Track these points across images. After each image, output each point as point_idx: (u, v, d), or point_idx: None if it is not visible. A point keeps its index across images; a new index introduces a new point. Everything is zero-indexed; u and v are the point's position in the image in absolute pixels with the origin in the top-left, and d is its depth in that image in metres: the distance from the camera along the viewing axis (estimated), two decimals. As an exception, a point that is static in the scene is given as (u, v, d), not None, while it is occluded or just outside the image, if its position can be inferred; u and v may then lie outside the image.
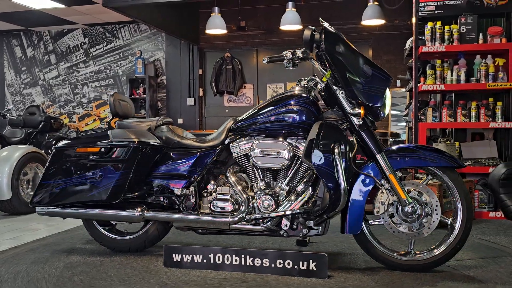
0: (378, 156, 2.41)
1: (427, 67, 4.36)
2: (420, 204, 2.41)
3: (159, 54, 9.39)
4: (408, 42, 5.44)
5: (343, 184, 2.33)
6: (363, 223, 2.46)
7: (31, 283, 2.36)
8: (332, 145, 2.37)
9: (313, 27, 2.49)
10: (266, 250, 2.37)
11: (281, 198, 2.56)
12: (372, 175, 2.43)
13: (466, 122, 4.23)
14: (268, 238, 3.06)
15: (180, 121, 9.22)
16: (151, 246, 2.97)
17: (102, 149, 2.75)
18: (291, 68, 2.54)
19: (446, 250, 2.43)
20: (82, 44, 9.79)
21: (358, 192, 2.43)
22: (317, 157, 2.37)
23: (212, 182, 2.76)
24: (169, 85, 9.35)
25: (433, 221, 2.41)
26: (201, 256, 2.44)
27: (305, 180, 2.55)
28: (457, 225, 2.41)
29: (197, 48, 9.13)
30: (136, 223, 2.86)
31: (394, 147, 2.48)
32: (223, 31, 7.53)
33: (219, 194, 2.71)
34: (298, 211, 2.48)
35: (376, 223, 2.49)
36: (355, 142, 2.52)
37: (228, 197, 2.69)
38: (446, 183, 2.43)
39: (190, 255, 2.45)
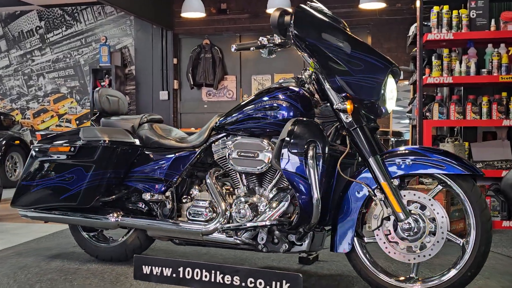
0: (371, 160, 2.27)
1: (433, 57, 4.40)
2: (421, 220, 2.24)
3: (127, 40, 9.33)
4: (412, 29, 5.48)
5: (316, 193, 2.23)
6: (355, 240, 2.35)
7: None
8: (306, 146, 2.28)
9: (283, 8, 2.40)
10: (239, 266, 2.32)
11: (261, 207, 2.50)
12: (365, 183, 2.31)
13: (477, 120, 4.28)
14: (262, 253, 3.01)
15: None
16: (130, 257, 2.94)
17: (72, 149, 2.86)
18: (269, 56, 2.51)
19: (455, 278, 2.23)
20: (38, 28, 9.68)
21: (349, 203, 2.34)
22: (286, 160, 2.31)
23: (196, 187, 2.77)
24: (139, 76, 9.30)
25: (437, 242, 2.22)
26: (170, 269, 2.43)
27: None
28: (469, 248, 2.21)
29: (171, 33, 9.10)
30: (113, 229, 2.93)
31: (395, 150, 2.35)
32: (201, 14, 7.51)
33: (196, 200, 2.72)
34: (271, 222, 2.40)
35: (371, 240, 2.36)
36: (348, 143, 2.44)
37: (206, 204, 2.67)
38: (458, 194, 2.25)
39: (160, 268, 2.44)
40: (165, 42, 9.16)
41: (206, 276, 2.35)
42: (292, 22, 2.35)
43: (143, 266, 2.47)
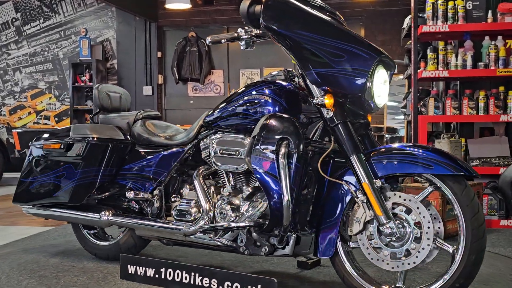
0: (352, 159, 2.20)
1: (428, 50, 4.43)
2: (407, 225, 2.16)
3: (108, 33, 9.29)
4: (406, 21, 5.52)
5: (286, 194, 2.20)
6: (339, 245, 2.29)
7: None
8: (278, 143, 2.24)
9: None
10: (216, 269, 2.37)
11: (242, 208, 2.49)
12: (347, 183, 2.24)
13: (473, 115, 4.32)
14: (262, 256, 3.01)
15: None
16: (133, 255, 2.98)
17: (62, 146, 3.00)
18: (248, 49, 2.45)
19: None
20: (14, 20, 9.61)
21: (332, 204, 2.28)
22: (257, 158, 2.29)
23: (187, 186, 2.79)
24: (121, 70, 9.27)
25: (423, 248, 2.11)
26: (153, 270, 2.51)
27: None
28: (458, 256, 2.09)
29: (155, 26, 9.07)
30: (104, 227, 3.10)
31: (382, 147, 2.27)
32: (186, 5, 7.50)
33: (182, 199, 2.76)
34: (245, 224, 2.39)
35: (356, 245, 2.29)
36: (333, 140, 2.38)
37: (192, 203, 2.70)
38: (447, 197, 2.15)
39: (144, 268, 2.53)
40: (149, 35, 9.13)
41: (186, 278, 2.41)
42: (261, 11, 2.27)
43: (129, 266, 2.56)
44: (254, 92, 2.47)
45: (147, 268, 2.51)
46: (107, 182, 2.99)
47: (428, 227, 2.11)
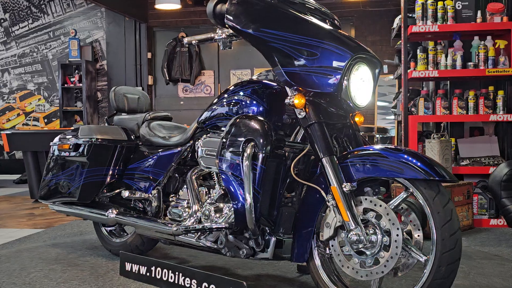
0: (324, 161, 2.11)
1: (418, 50, 4.46)
2: (377, 232, 2.06)
3: (98, 33, 9.25)
4: (396, 21, 5.54)
5: (248, 197, 2.16)
6: (315, 250, 2.23)
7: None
8: (244, 144, 2.21)
9: None
10: (197, 270, 2.40)
11: (225, 209, 2.47)
12: (320, 186, 2.17)
13: (463, 115, 4.35)
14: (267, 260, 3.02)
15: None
16: (140, 254, 3.11)
17: (70, 147, 3.16)
18: (225, 49, 2.41)
19: None
20: (2, 21, 9.55)
21: (307, 208, 2.22)
22: (223, 159, 2.28)
23: (184, 186, 2.81)
24: (111, 71, 9.23)
25: (391, 257, 2.00)
26: (145, 268, 2.61)
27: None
28: (428, 267, 1.97)
29: (145, 26, 9.05)
30: (111, 225, 3.25)
31: (357, 150, 2.16)
32: (176, 6, 7.48)
33: (178, 199, 2.79)
34: (217, 226, 2.39)
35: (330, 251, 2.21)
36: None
37: (184, 203, 2.72)
38: (420, 202, 2.03)
39: (138, 266, 2.64)
40: (139, 36, 9.10)
41: (171, 277, 2.49)
42: (226, 10, 2.21)
43: (126, 263, 2.69)
44: (237, 92, 2.44)
45: (141, 266, 2.62)
46: (115, 181, 3.13)
47: (397, 235, 2.00)
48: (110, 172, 3.11)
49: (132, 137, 3.17)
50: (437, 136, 4.22)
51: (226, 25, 2.25)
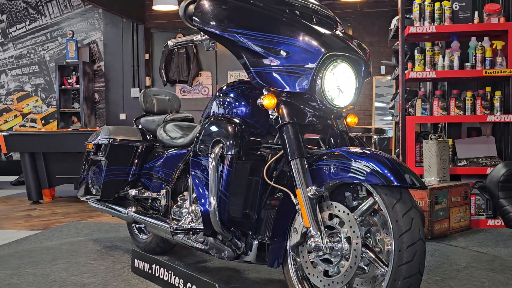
0: (292, 163, 2.02)
1: (415, 51, 4.46)
2: (341, 239, 1.95)
3: (95, 35, 9.24)
4: (394, 22, 5.54)
5: (212, 199, 2.15)
6: (289, 255, 2.13)
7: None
8: (212, 146, 2.20)
9: None
10: (183, 270, 2.43)
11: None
12: (288, 190, 2.07)
13: (461, 115, 4.35)
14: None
15: (122, 116, 9.12)
16: (163, 251, 3.27)
17: (93, 147, 3.31)
18: (208, 50, 2.34)
19: None
20: (-1, 22, 9.54)
21: (280, 212, 2.13)
22: (193, 161, 2.31)
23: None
24: (109, 73, 9.22)
25: (350, 267, 1.89)
26: (148, 266, 2.70)
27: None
28: (385, 281, 1.82)
29: (143, 27, 9.04)
30: (130, 222, 3.36)
31: (329, 152, 2.03)
32: (174, 7, 7.47)
33: (181, 199, 2.80)
34: (191, 226, 2.39)
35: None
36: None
37: (186, 203, 2.73)
38: (382, 210, 1.91)
39: (143, 263, 2.74)
40: (136, 37, 9.10)
41: (165, 276, 2.56)
42: (193, 11, 2.13)
43: (135, 260, 2.81)
44: (227, 93, 2.41)
45: (145, 264, 2.72)
46: (134, 180, 3.23)
47: (356, 243, 1.88)
48: (128, 172, 3.21)
49: (148, 138, 3.27)
50: (435, 137, 4.22)
51: (195, 26, 2.17)
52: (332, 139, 2.23)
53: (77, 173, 6.12)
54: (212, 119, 2.30)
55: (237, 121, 2.24)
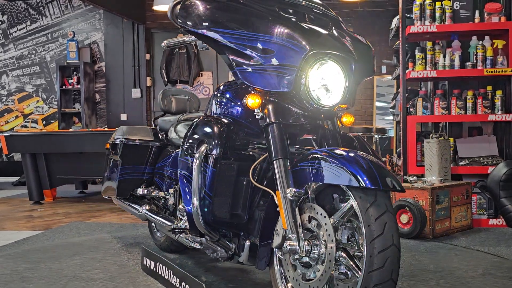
0: (275, 164, 1.99)
1: (416, 50, 4.46)
2: (318, 243, 1.90)
3: (96, 35, 9.24)
4: (394, 21, 5.54)
5: (195, 199, 2.13)
6: (276, 258, 2.11)
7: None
8: (196, 146, 2.20)
9: None
10: (179, 269, 2.46)
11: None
12: (272, 191, 2.03)
13: (462, 115, 4.35)
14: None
15: (123, 117, 9.11)
16: (177, 249, 3.31)
17: (109, 146, 3.37)
18: (202, 49, 2.33)
19: None
20: (0, 23, 9.54)
21: (267, 214, 2.09)
22: (180, 161, 2.33)
23: None
24: (109, 73, 9.22)
25: (325, 272, 1.84)
26: (153, 263, 2.74)
27: None
28: (357, 287, 1.76)
29: (143, 28, 9.04)
30: (143, 220, 3.33)
31: (309, 154, 1.97)
32: (174, 7, 7.46)
33: None
34: (183, 225, 2.40)
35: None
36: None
37: None
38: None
39: (149, 261, 2.79)
40: (137, 37, 9.09)
41: (166, 275, 2.61)
42: (178, 11, 2.11)
43: (144, 258, 2.87)
44: (223, 93, 2.40)
45: (151, 261, 2.77)
46: (148, 179, 3.28)
47: (331, 247, 1.83)
48: (143, 171, 3.27)
49: (160, 137, 3.31)
50: (436, 136, 4.22)
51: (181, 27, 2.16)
52: (323, 139, 2.18)
53: (78, 173, 6.17)
54: (200, 119, 2.29)
55: (226, 121, 2.22)
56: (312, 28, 2.06)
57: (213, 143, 2.14)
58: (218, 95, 2.40)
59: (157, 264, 2.69)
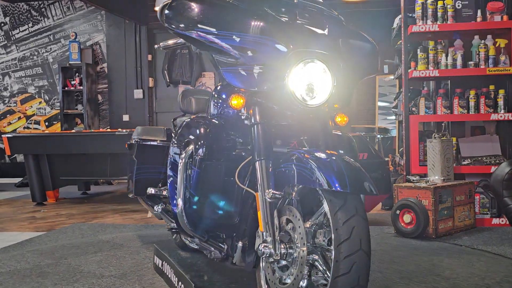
0: (256, 165, 1.97)
1: (418, 50, 4.45)
2: (289, 245, 1.87)
3: (98, 36, 9.25)
4: (396, 21, 5.53)
5: (179, 199, 2.12)
6: (262, 259, 2.07)
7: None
8: (184, 145, 2.21)
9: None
10: (178, 269, 2.50)
11: None
12: (255, 192, 2.00)
13: (464, 114, 4.34)
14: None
15: (126, 117, 9.12)
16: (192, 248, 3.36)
17: (127, 146, 3.43)
18: (197, 51, 2.39)
19: None
20: (2, 24, 9.55)
21: (252, 215, 2.08)
22: (168, 161, 2.35)
23: None
24: (112, 74, 9.23)
25: (297, 276, 1.82)
26: (161, 262, 2.79)
27: None
28: None
29: (145, 29, 9.05)
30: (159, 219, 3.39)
31: (291, 154, 1.93)
32: (176, 8, 7.47)
33: None
34: (173, 226, 2.42)
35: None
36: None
37: None
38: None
39: (159, 260, 2.83)
40: (139, 38, 9.10)
41: (169, 274, 2.64)
42: (164, 13, 2.08)
43: (155, 257, 2.91)
44: (218, 93, 2.39)
45: (160, 260, 2.82)
46: (164, 178, 3.24)
47: (303, 251, 1.80)
48: (157, 170, 3.27)
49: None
50: (438, 136, 4.21)
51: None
52: (314, 140, 2.15)
53: (80, 174, 6.18)
54: (189, 119, 2.30)
55: (215, 122, 2.22)
56: (299, 26, 2.03)
57: (198, 143, 2.12)
58: (216, 95, 2.39)
59: (164, 263, 2.73)
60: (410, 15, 4.59)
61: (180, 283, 2.42)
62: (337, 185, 1.68)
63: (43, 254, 3.37)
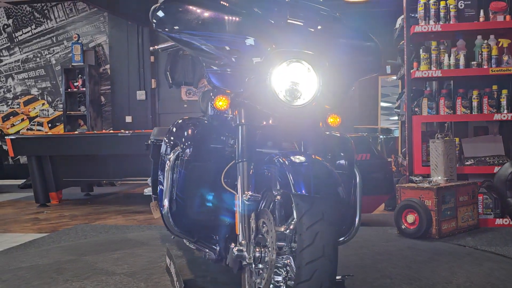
0: (237, 166, 1.94)
1: (421, 50, 4.44)
2: (263, 249, 1.83)
3: (101, 38, 9.26)
4: (399, 21, 5.52)
5: (166, 201, 2.10)
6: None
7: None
8: (171, 147, 2.21)
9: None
10: (177, 270, 2.54)
11: None
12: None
13: (467, 114, 4.33)
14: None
15: (128, 119, 9.13)
16: None
17: (145, 146, 3.43)
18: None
19: None
20: (5, 26, 9.57)
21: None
22: (160, 161, 2.36)
23: None
24: (114, 75, 9.24)
25: (267, 280, 1.78)
26: (169, 262, 2.80)
27: None
28: None
29: (148, 30, 9.05)
30: None
31: (270, 157, 1.91)
32: (178, 9, 7.47)
33: None
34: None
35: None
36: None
37: None
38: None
39: (168, 260, 2.83)
40: (141, 39, 9.11)
41: (175, 275, 2.63)
42: (154, 16, 2.06)
43: (166, 256, 2.94)
44: (207, 94, 2.43)
45: (169, 260, 2.82)
46: None
47: (273, 255, 1.75)
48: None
49: None
50: (441, 136, 4.19)
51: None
52: (303, 141, 2.11)
53: (83, 175, 6.18)
54: (180, 120, 2.28)
55: (204, 123, 2.21)
56: (285, 26, 1.99)
57: (185, 144, 2.12)
58: (212, 96, 2.35)
59: (171, 262, 2.76)
60: (413, 15, 4.58)
61: (177, 282, 2.48)
62: (302, 188, 1.66)
63: (68, 250, 3.45)
